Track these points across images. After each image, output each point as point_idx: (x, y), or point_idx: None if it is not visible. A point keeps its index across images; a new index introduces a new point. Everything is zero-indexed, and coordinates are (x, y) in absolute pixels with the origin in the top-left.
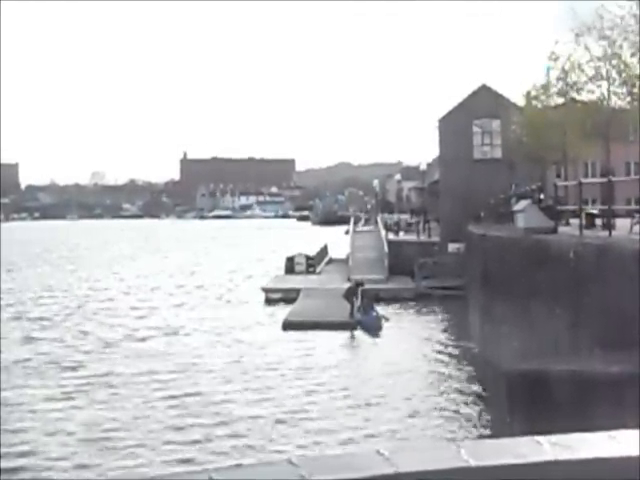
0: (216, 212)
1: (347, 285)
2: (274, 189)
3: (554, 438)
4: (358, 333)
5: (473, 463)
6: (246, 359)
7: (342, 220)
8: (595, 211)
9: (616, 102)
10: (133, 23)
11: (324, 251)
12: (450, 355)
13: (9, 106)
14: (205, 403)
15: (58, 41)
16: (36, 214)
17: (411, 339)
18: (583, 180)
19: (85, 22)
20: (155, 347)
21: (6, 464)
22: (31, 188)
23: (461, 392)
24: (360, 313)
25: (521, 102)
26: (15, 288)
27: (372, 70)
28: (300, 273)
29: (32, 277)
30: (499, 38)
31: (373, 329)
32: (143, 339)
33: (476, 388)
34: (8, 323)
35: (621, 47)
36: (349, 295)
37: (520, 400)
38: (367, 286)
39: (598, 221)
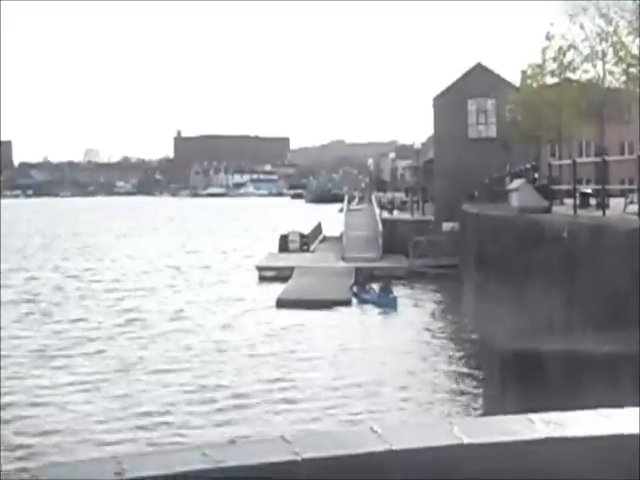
0: (210, 190)
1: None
2: (268, 167)
3: (546, 416)
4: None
5: (466, 440)
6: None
7: (336, 198)
8: (589, 190)
9: (611, 82)
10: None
11: (318, 229)
12: (444, 333)
13: (2, 84)
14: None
15: (52, 18)
16: (29, 191)
17: (405, 317)
18: (577, 160)
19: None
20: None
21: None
22: (24, 165)
23: (454, 370)
24: (370, 293)
25: (516, 81)
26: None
27: (367, 48)
28: (294, 251)
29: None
30: (496, 17)
31: (390, 307)
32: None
33: (469, 366)
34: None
35: (617, 26)
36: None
37: (513, 379)
38: (361, 264)
39: (592, 201)
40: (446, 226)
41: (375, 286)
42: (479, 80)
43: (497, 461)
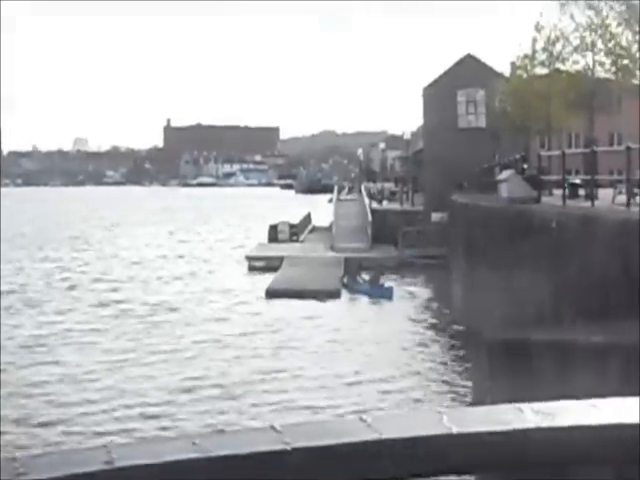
0: (200, 180)
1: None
2: (258, 157)
3: (536, 406)
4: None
5: (455, 430)
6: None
7: (326, 189)
8: (578, 181)
9: (601, 73)
10: None
11: (307, 219)
12: (432, 324)
13: None
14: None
15: (41, 6)
16: (19, 181)
17: (394, 307)
18: (567, 150)
19: None
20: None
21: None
22: (13, 154)
23: (443, 361)
24: (359, 284)
25: (506, 72)
26: None
27: (358, 38)
28: (283, 241)
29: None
30: (486, 7)
31: (386, 297)
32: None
33: (458, 357)
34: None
35: (607, 17)
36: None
37: (502, 369)
38: (350, 255)
39: (581, 191)
40: (435, 216)
41: (365, 277)
42: (469, 70)
43: (486, 450)
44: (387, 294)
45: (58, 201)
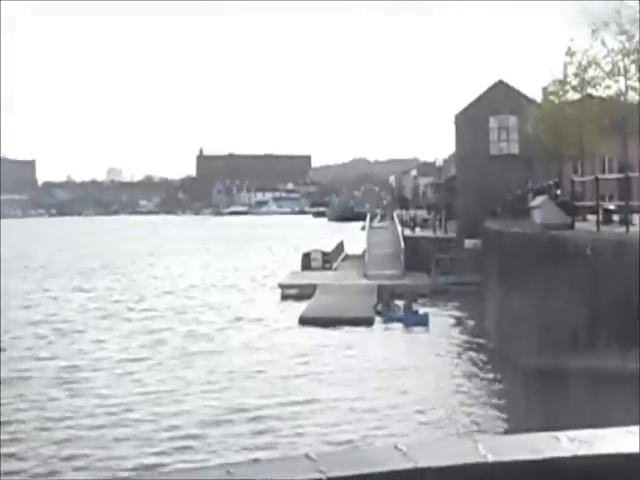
0: (232, 208)
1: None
2: (290, 185)
3: (572, 433)
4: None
5: (491, 458)
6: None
7: (358, 216)
8: (612, 207)
9: (633, 97)
10: (149, 19)
11: (340, 247)
12: (466, 350)
13: (25, 103)
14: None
15: (73, 35)
16: (53, 211)
17: (430, 335)
18: (600, 176)
19: (101, 17)
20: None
21: None
22: (48, 185)
23: (477, 387)
24: (393, 311)
25: (538, 98)
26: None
27: (389, 65)
28: (316, 269)
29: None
30: (517, 33)
31: (422, 324)
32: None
33: (493, 383)
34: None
35: (639, 42)
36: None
37: (537, 395)
38: (383, 282)
39: (615, 217)
40: (468, 243)
41: (399, 304)
42: (500, 96)
43: (522, 479)
44: (423, 321)
45: (92, 230)
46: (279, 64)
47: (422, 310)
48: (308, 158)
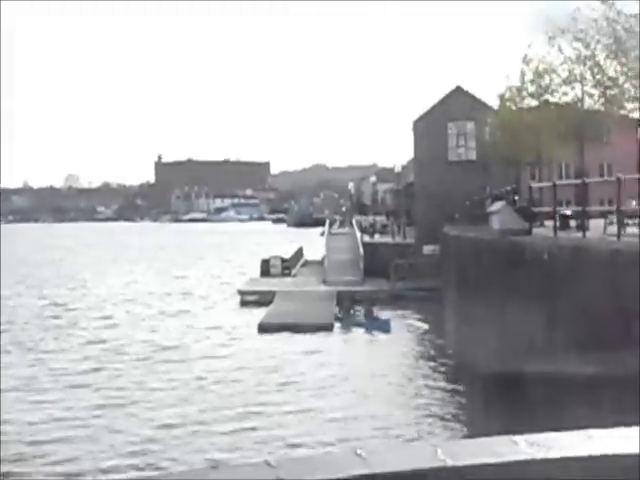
0: (191, 215)
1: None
2: (249, 192)
3: (530, 437)
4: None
5: (450, 463)
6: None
7: (317, 222)
8: (569, 212)
9: (590, 104)
10: (106, 25)
11: (299, 253)
12: (426, 356)
13: None
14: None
15: (32, 42)
16: (10, 217)
17: (387, 341)
18: (557, 182)
19: (58, 24)
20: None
21: None
22: (5, 191)
23: (437, 393)
24: (354, 317)
25: (495, 104)
26: None
27: (346, 72)
28: (275, 275)
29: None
30: (474, 40)
31: (384, 330)
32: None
33: (452, 389)
34: None
35: (595, 49)
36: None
37: (496, 401)
38: (342, 288)
39: (572, 222)
40: (427, 249)
41: (359, 309)
42: (458, 103)
43: None
44: (385, 327)
45: (49, 238)
46: (238, 70)
47: (383, 316)
48: (267, 164)
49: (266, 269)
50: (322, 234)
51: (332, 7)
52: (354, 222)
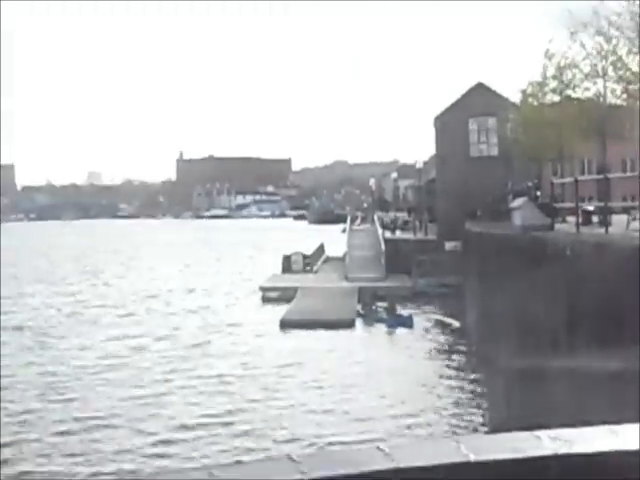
0: (213, 212)
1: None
2: (270, 188)
3: (553, 432)
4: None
5: (473, 458)
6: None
7: (339, 219)
8: (592, 208)
9: (612, 99)
10: (128, 22)
11: (321, 250)
12: (448, 352)
13: (2, 106)
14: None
15: (53, 40)
16: (32, 215)
17: (410, 337)
18: (579, 177)
19: (79, 21)
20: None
21: None
22: (27, 189)
23: (459, 389)
24: (377, 313)
25: (517, 100)
26: None
27: (368, 68)
28: (297, 272)
29: None
30: (495, 35)
31: (407, 326)
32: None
33: (475, 385)
34: None
35: (617, 44)
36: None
37: (518, 396)
38: (364, 284)
39: (595, 218)
40: (449, 245)
41: (381, 306)
42: (480, 99)
43: (504, 478)
44: (407, 323)
45: (72, 235)
46: (260, 67)
47: (405, 312)
48: (288, 161)
49: (288, 265)
50: (343, 230)
51: (358, 4)
52: (375, 218)
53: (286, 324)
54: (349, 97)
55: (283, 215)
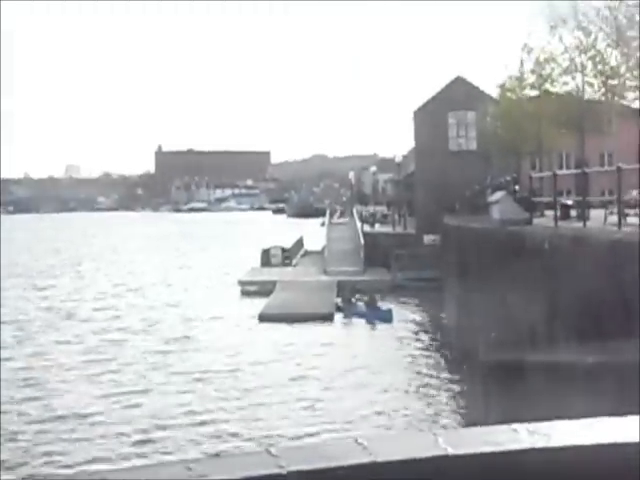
0: (191, 205)
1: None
2: (249, 182)
3: (531, 426)
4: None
5: (451, 451)
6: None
7: (318, 212)
8: (570, 202)
9: (590, 94)
10: (105, 14)
11: (300, 243)
12: (427, 345)
13: None
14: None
15: (30, 32)
16: (10, 208)
17: (389, 331)
18: (558, 171)
19: (56, 13)
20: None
21: None
22: (5, 182)
23: (438, 382)
24: (356, 306)
25: (496, 94)
26: None
27: (348, 62)
28: (276, 265)
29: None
30: (474, 28)
31: (386, 320)
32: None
33: (453, 378)
34: None
35: (596, 38)
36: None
37: (496, 389)
38: (343, 278)
39: (573, 212)
40: (427, 239)
41: (360, 299)
42: (459, 93)
43: (482, 472)
44: (387, 317)
45: (50, 228)
46: (238, 60)
47: (384, 306)
48: (267, 154)
49: (267, 259)
50: (322, 224)
51: None
52: (354, 212)
53: (265, 318)
54: (328, 90)
55: (262, 208)
